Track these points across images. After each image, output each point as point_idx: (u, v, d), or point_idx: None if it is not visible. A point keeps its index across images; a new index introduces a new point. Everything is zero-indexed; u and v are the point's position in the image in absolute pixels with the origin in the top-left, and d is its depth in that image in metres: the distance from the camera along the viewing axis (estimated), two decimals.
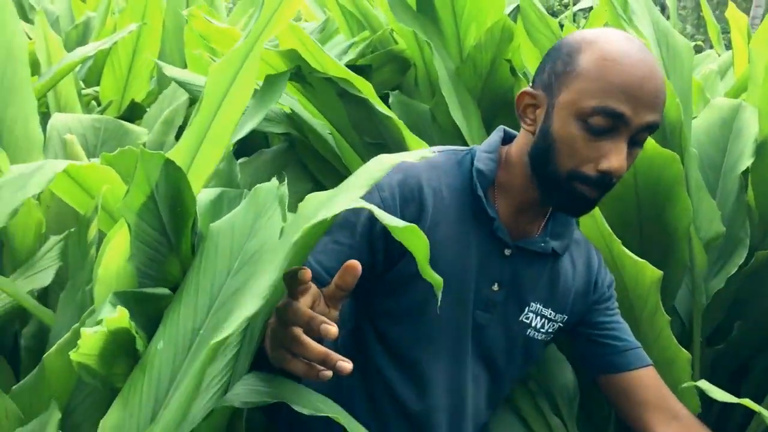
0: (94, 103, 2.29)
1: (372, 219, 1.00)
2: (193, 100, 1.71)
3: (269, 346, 0.75)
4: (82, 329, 0.68)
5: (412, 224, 0.62)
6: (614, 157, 0.93)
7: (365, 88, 1.16)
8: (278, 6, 0.90)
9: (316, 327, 0.67)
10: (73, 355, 0.69)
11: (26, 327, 1.15)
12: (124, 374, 0.74)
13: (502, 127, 1.11)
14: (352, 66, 1.82)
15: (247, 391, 0.76)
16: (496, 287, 1.07)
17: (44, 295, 1.20)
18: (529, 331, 1.11)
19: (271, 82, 1.19)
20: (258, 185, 0.86)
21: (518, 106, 1.03)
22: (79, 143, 1.38)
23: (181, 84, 1.39)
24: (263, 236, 0.81)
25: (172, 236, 0.81)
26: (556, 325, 1.14)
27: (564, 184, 0.97)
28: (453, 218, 1.04)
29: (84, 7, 3.56)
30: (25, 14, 3.00)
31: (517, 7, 1.80)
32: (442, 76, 1.44)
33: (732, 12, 2.09)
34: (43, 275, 1.16)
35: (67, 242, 1.19)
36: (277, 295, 0.72)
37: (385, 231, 0.98)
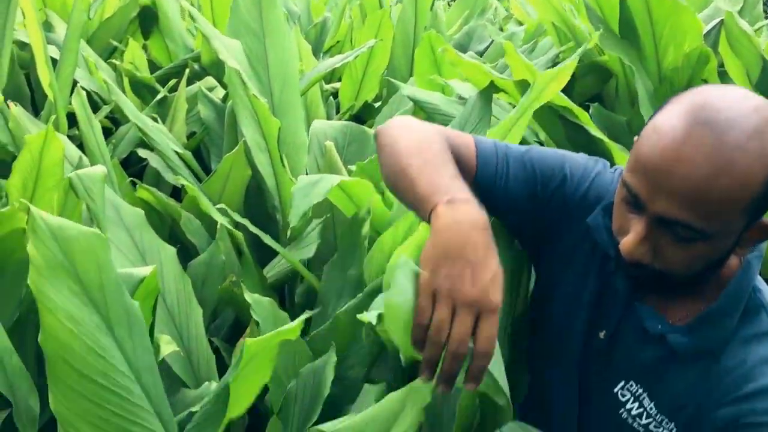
0: (331, 98, 2.72)
1: (566, 179, 0.95)
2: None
3: None
4: (387, 298, 0.73)
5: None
6: (629, 236, 0.79)
7: (583, 117, 1.43)
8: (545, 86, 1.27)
9: None
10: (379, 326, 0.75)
11: (298, 287, 1.54)
12: None
13: None
14: None
15: None
16: (602, 335, 0.93)
17: (308, 264, 1.58)
18: (622, 411, 0.91)
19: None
20: None
21: None
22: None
23: (416, 101, 1.71)
24: None
25: None
26: (661, 430, 0.89)
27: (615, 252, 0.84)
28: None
29: (320, 7, 4.09)
30: None
31: (721, 22, 1.92)
32: (641, 95, 1.63)
33: None
34: (309, 249, 1.54)
35: (324, 225, 1.57)
36: None
37: (560, 197, 0.94)
